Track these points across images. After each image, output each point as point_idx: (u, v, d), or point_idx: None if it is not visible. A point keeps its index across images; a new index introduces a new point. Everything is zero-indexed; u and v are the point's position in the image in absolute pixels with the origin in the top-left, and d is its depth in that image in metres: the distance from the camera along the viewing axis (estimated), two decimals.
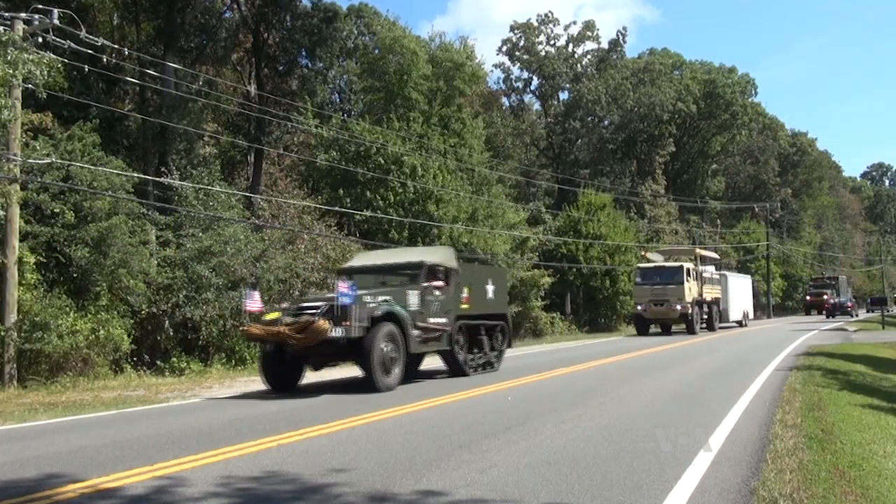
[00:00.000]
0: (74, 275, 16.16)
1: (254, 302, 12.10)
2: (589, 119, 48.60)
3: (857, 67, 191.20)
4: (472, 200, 27.74)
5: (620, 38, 50.90)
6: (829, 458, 6.16)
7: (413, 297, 12.35)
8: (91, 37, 15.42)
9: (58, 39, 14.51)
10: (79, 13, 17.31)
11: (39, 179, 15.12)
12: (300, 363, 12.07)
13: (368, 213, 23.84)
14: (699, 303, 31.12)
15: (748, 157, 68.86)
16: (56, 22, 14.14)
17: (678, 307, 29.50)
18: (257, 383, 12.98)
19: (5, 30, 12.48)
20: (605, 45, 50.62)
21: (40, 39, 14.02)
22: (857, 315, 51.09)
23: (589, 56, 50.63)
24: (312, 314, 11.17)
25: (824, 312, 51.40)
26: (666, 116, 51.79)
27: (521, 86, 50.62)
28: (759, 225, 61.99)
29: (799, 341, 22.98)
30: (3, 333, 13.87)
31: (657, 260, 33.20)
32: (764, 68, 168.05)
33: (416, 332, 12.13)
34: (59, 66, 14.13)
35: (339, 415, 8.73)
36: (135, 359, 16.68)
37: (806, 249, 71.11)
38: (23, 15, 14.14)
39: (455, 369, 13.64)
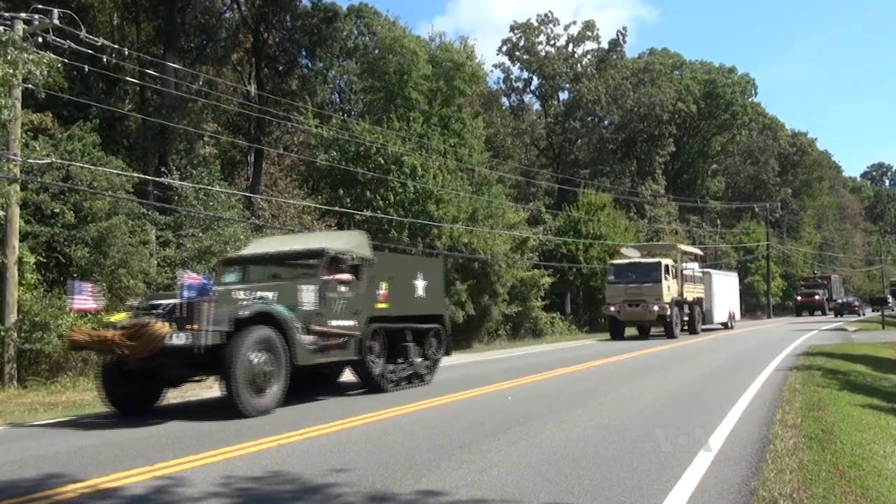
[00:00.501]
0: (74, 275, 16.16)
1: (83, 298, 9.20)
2: (589, 119, 48.63)
3: (857, 67, 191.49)
4: (472, 200, 27.71)
5: (620, 38, 51.01)
6: (829, 458, 6.16)
7: (308, 294, 9.92)
8: (91, 37, 15.42)
9: (58, 39, 14.50)
10: (79, 13, 17.32)
11: (39, 179, 15.13)
12: (159, 378, 9.66)
13: (368, 213, 23.82)
14: (679, 303, 28.07)
15: (748, 157, 68.88)
16: (56, 22, 14.14)
17: (655, 308, 26.45)
18: None
19: (5, 30, 12.47)
20: (604, 46, 50.73)
21: (40, 39, 14.01)
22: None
23: (589, 56, 50.69)
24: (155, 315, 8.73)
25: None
26: (666, 116, 51.81)
27: (521, 86, 50.72)
28: (759, 225, 61.96)
29: (799, 341, 22.96)
30: (3, 333, 13.87)
31: (633, 256, 29.77)
32: (764, 68, 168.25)
33: (308, 339, 9.66)
34: (59, 66, 14.11)
35: (335, 417, 8.73)
36: None
37: (806, 249, 71.10)
38: (23, 15, 14.13)
39: (369, 384, 11.10)
